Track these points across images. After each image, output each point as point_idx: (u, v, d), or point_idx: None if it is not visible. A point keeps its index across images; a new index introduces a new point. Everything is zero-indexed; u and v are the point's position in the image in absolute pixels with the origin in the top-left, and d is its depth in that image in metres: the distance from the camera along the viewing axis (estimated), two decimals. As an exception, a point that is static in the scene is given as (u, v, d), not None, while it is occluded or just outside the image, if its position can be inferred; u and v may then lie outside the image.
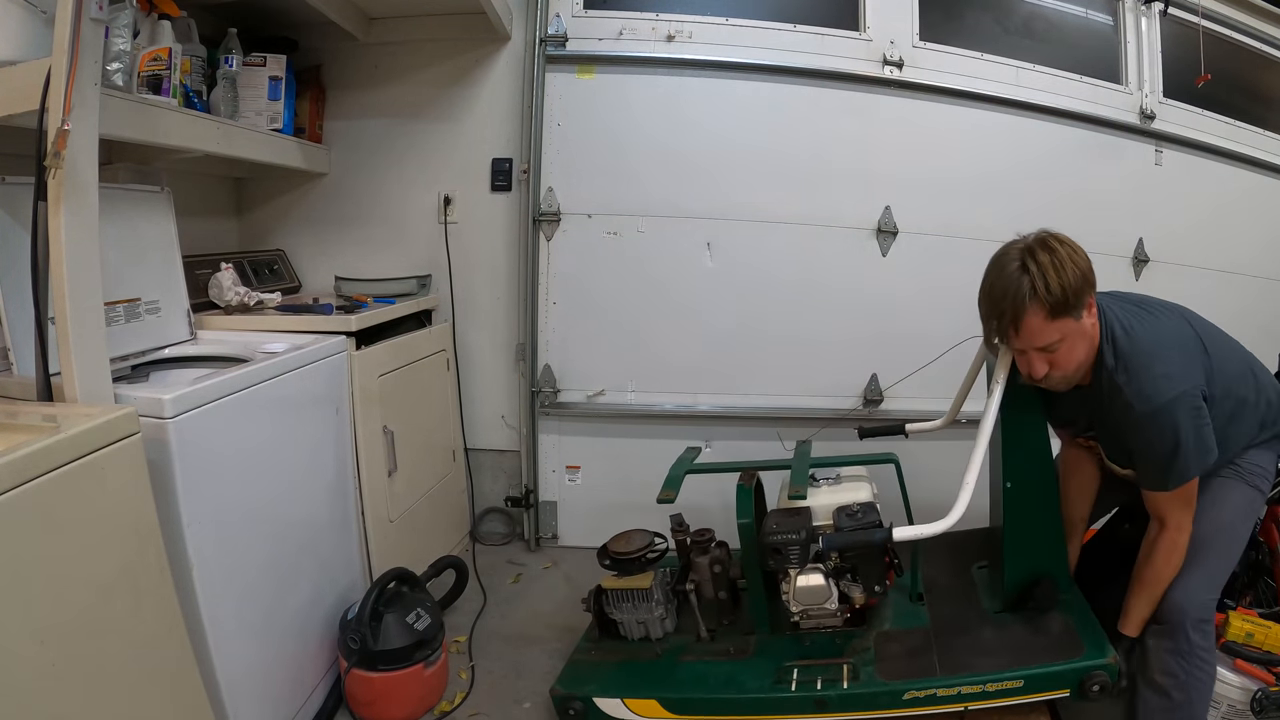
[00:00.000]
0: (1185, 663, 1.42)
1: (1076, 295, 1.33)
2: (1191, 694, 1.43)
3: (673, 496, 1.72)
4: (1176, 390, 1.35)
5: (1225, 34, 2.82)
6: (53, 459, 1.00)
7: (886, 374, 2.62)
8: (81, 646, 1.03)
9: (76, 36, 1.13)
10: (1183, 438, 1.35)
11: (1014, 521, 1.63)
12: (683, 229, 2.52)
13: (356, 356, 1.93)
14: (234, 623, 1.42)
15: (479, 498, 2.76)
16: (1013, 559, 1.64)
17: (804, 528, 1.61)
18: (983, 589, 1.78)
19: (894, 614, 1.71)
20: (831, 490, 1.71)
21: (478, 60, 2.54)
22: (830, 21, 2.49)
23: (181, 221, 1.83)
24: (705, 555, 1.81)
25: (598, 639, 1.83)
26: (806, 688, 1.53)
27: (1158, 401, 1.35)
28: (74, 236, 1.18)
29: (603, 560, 1.85)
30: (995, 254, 1.43)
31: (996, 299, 1.37)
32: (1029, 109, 2.56)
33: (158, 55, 1.71)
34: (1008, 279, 1.35)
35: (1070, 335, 1.36)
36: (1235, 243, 2.86)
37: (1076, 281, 1.32)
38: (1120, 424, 1.42)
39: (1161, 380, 1.35)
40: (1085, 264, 1.35)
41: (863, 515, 1.57)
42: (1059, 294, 1.31)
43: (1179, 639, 1.42)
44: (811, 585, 1.61)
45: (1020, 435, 1.58)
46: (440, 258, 2.58)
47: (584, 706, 1.63)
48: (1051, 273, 1.31)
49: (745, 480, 1.77)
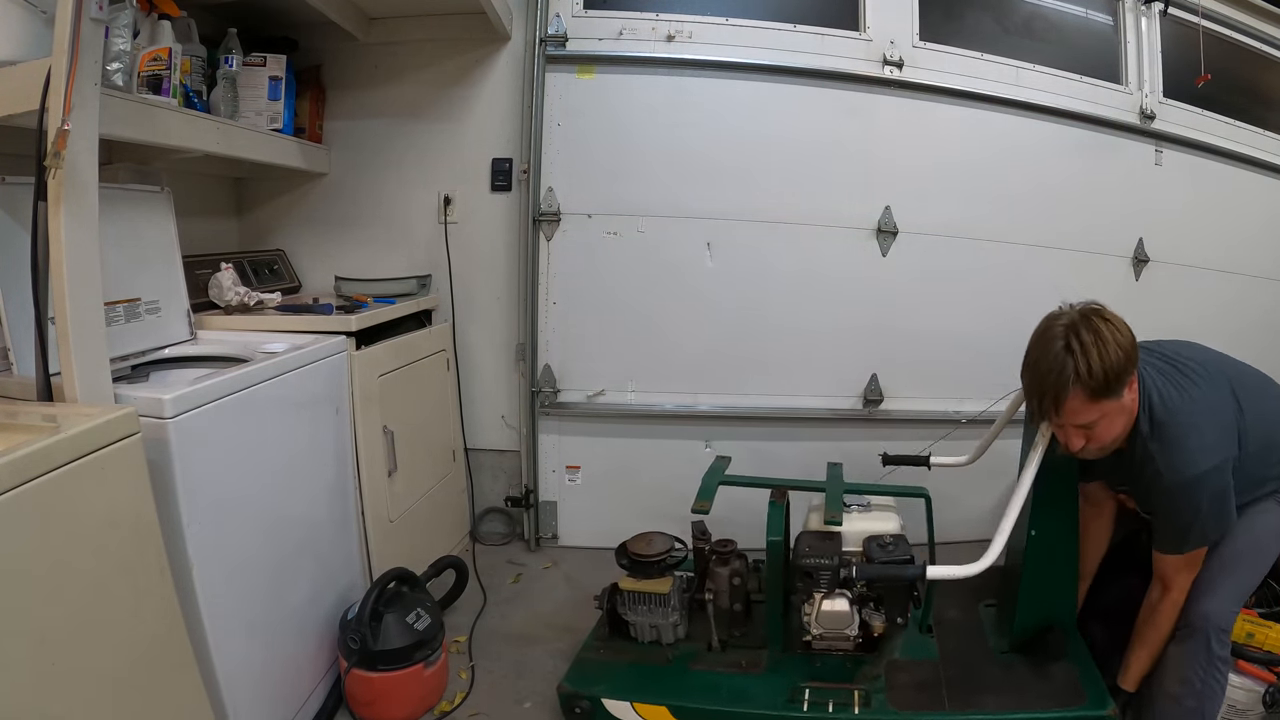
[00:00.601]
0: (1203, 671, 1.45)
1: (1118, 377, 1.33)
2: (1205, 702, 1.46)
3: (707, 508, 1.71)
4: (1207, 465, 1.38)
5: (1225, 34, 2.82)
6: (53, 459, 1.00)
7: (887, 374, 2.62)
8: (81, 646, 1.03)
9: (76, 36, 1.13)
10: (1204, 510, 1.39)
11: (1033, 568, 1.67)
12: (683, 229, 2.52)
13: (356, 356, 1.93)
14: (234, 622, 1.42)
15: (479, 498, 2.76)
16: (1026, 603, 1.69)
17: (836, 553, 1.62)
18: (989, 628, 1.83)
19: (903, 644, 1.72)
20: (862, 517, 1.72)
21: (478, 60, 2.54)
22: (830, 21, 2.48)
23: (181, 221, 1.82)
24: (726, 566, 1.80)
25: (607, 637, 1.83)
26: (818, 709, 1.54)
27: (1186, 475, 1.37)
28: (74, 236, 1.18)
29: (621, 560, 1.84)
30: (1040, 326, 1.42)
31: (1040, 377, 1.37)
32: (1029, 109, 2.56)
33: (158, 55, 1.71)
34: (1052, 359, 1.34)
35: (1110, 413, 1.37)
36: (1235, 242, 2.86)
37: (1119, 364, 1.32)
38: (1149, 487, 1.46)
39: (1194, 454, 1.38)
40: (1129, 344, 1.34)
41: (895, 548, 1.58)
42: (1101, 377, 1.31)
43: (1200, 647, 1.45)
44: (836, 611, 1.62)
45: (1052, 488, 1.60)
46: (440, 258, 2.58)
47: (591, 706, 1.62)
48: (1095, 354, 1.31)
49: (777, 498, 1.78)
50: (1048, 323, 1.41)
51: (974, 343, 2.59)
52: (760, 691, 1.61)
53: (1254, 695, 1.65)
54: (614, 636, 1.83)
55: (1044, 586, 1.68)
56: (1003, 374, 2.62)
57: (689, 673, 1.70)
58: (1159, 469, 1.40)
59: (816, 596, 1.63)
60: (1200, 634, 1.45)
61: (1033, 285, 2.61)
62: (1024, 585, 1.68)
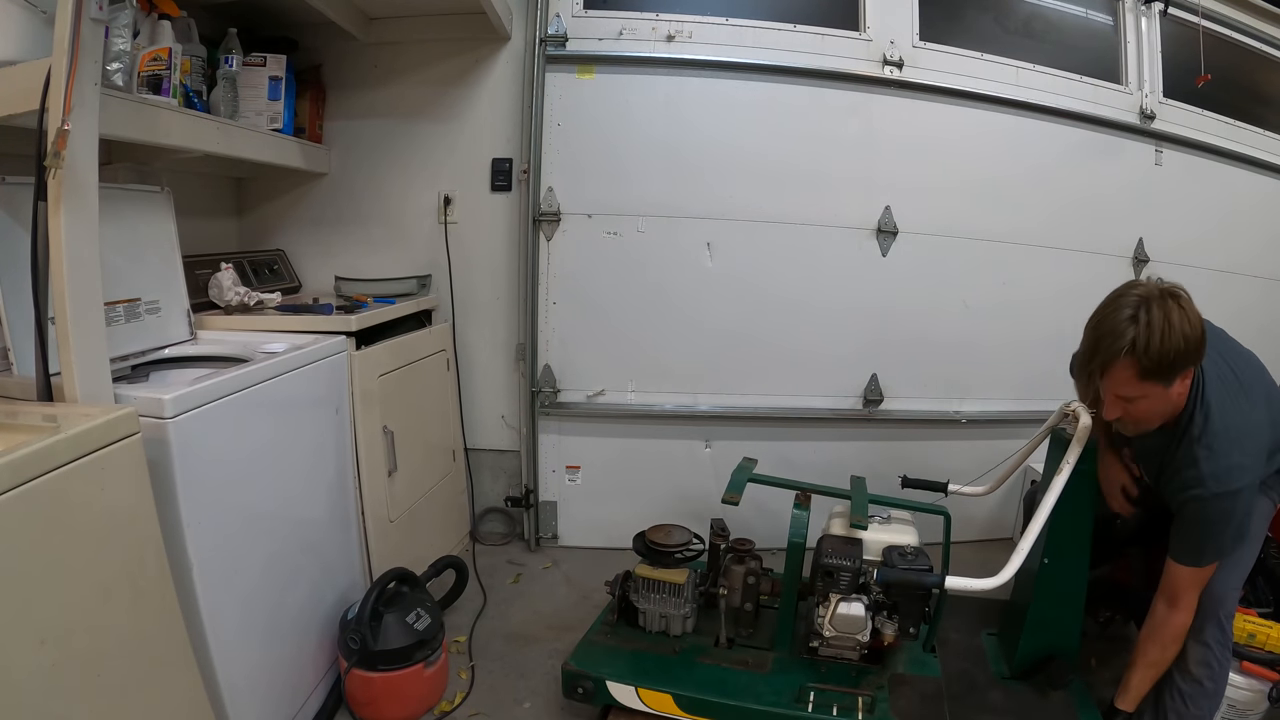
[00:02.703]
0: (1219, 650, 1.49)
1: (1173, 365, 1.31)
2: (1220, 684, 1.50)
3: (737, 499, 1.74)
4: (1244, 482, 1.38)
5: (1225, 34, 2.82)
6: (53, 459, 1.00)
7: (886, 373, 2.62)
8: (81, 646, 1.03)
9: (76, 36, 1.13)
10: (1231, 526, 1.40)
11: (1042, 596, 1.70)
12: (683, 229, 2.52)
13: (356, 356, 1.93)
14: (234, 622, 1.42)
15: (479, 498, 2.76)
16: (1032, 630, 1.72)
17: (858, 557, 1.64)
18: (991, 654, 1.85)
19: (908, 659, 1.73)
20: (883, 528, 1.73)
21: (478, 60, 2.54)
22: (830, 21, 2.49)
23: (181, 221, 1.82)
24: (742, 565, 1.82)
25: (615, 624, 1.85)
26: (823, 711, 1.55)
27: (1226, 488, 1.37)
28: (74, 236, 1.18)
29: (638, 546, 1.86)
30: (1116, 290, 1.40)
31: (1099, 338, 1.36)
32: (1029, 109, 2.56)
33: (158, 55, 1.71)
34: (1115, 323, 1.33)
35: (1153, 396, 1.36)
36: (1235, 242, 2.87)
37: (1178, 352, 1.29)
38: (1183, 489, 1.42)
39: (1237, 470, 1.37)
40: (1196, 337, 1.31)
41: (914, 559, 1.59)
42: (1155, 358, 1.29)
43: (1215, 629, 1.48)
44: (852, 614, 1.63)
45: (1067, 519, 1.61)
46: (440, 258, 2.58)
47: (594, 686, 1.64)
48: (1157, 334, 1.28)
49: (802, 501, 1.80)
50: (1124, 289, 1.38)
51: (974, 343, 2.59)
52: (766, 690, 1.62)
53: (1257, 695, 1.65)
54: (622, 624, 1.85)
55: (1051, 615, 1.70)
56: (1003, 374, 2.65)
57: (696, 665, 1.71)
58: (1201, 476, 1.38)
59: (833, 598, 1.64)
60: (1213, 617, 1.48)
61: (1033, 285, 2.61)
62: (1031, 612, 1.71)
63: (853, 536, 1.69)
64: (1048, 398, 1.81)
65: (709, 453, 2.65)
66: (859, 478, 1.90)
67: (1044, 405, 1.82)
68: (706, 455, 2.65)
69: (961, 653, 1.85)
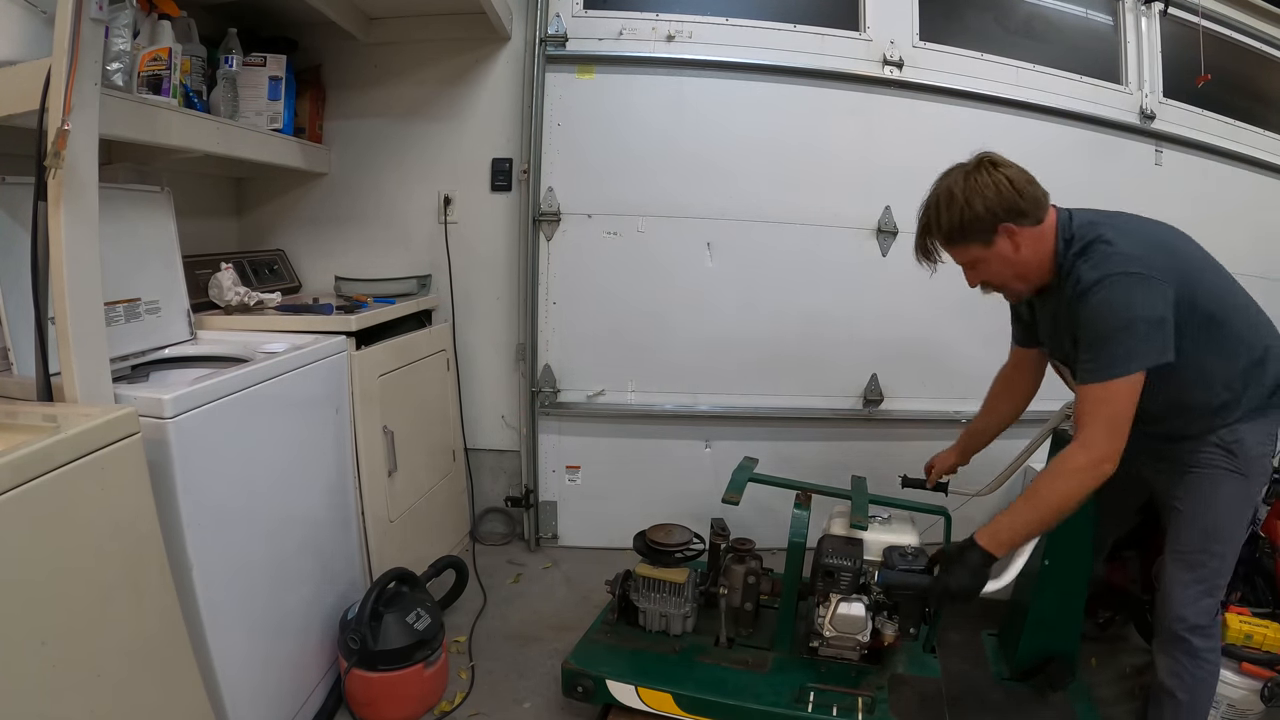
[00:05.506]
0: (1191, 663, 1.45)
1: (971, 226, 1.39)
2: (1196, 694, 1.46)
3: (737, 499, 1.74)
4: (1140, 268, 1.26)
5: (1225, 34, 2.82)
6: (53, 459, 1.00)
7: (887, 373, 2.62)
8: (82, 646, 1.03)
9: (76, 36, 1.13)
10: (1135, 314, 1.23)
11: (1042, 598, 1.70)
12: (683, 229, 2.52)
13: (356, 356, 1.93)
14: (234, 622, 1.42)
15: (479, 498, 2.76)
16: (1032, 632, 1.73)
17: (858, 557, 1.64)
18: (991, 655, 1.86)
19: (908, 660, 1.73)
20: (883, 528, 1.73)
21: (478, 60, 2.54)
22: (830, 21, 2.49)
23: (181, 221, 1.82)
24: (742, 565, 1.82)
25: (614, 623, 1.85)
26: (822, 711, 1.55)
27: (1114, 270, 1.26)
28: (74, 236, 1.18)
29: (638, 546, 1.86)
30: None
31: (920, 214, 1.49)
32: (1029, 109, 2.56)
33: (158, 55, 1.71)
34: (923, 206, 1.48)
35: (985, 259, 1.43)
36: (1235, 242, 2.85)
37: (970, 217, 1.37)
38: (1073, 313, 1.33)
39: (1123, 258, 1.28)
40: (998, 197, 1.36)
41: (915, 559, 1.59)
42: (950, 226, 1.41)
43: (1182, 650, 1.45)
44: (852, 614, 1.63)
45: (1071, 522, 1.58)
46: (440, 258, 2.58)
47: (594, 685, 1.64)
48: (944, 208, 1.40)
49: (803, 501, 1.80)
50: (949, 169, 1.48)
51: (974, 343, 2.59)
52: (766, 690, 1.62)
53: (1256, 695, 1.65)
54: (622, 623, 1.85)
55: (1051, 616, 1.71)
56: (1003, 374, 2.64)
57: (695, 665, 1.71)
58: (1080, 274, 1.30)
59: (834, 598, 1.64)
60: (1178, 639, 1.44)
61: (1033, 285, 2.61)
62: (1031, 613, 1.71)
63: (853, 536, 1.69)
64: (1048, 398, 1.81)
65: (709, 453, 2.65)
66: (859, 478, 1.90)
67: (1044, 405, 1.82)
68: (706, 455, 2.65)
69: (961, 653, 1.86)
